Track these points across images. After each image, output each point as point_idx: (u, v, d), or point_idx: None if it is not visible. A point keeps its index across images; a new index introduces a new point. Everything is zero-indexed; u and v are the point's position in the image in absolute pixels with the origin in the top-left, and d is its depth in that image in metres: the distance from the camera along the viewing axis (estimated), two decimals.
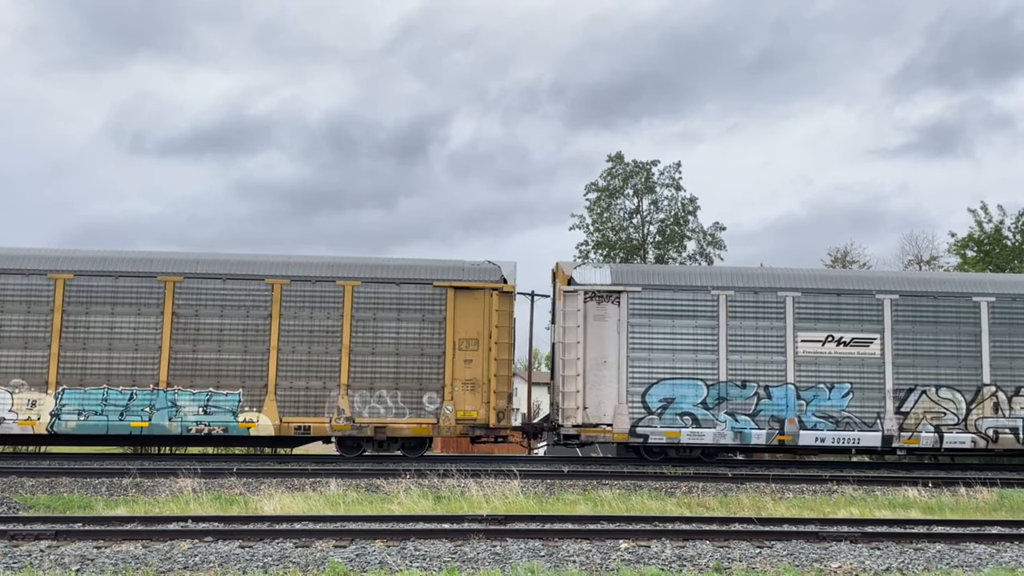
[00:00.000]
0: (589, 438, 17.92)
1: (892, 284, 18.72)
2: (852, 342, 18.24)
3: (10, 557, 9.03)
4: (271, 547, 9.54)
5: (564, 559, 9.26)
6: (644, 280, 18.37)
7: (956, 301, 18.47)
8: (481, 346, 17.95)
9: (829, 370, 18.17)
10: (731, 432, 17.86)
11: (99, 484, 15.00)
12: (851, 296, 18.38)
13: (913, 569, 9.19)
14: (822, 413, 18.05)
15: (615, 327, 18.04)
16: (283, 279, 17.85)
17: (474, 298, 18.08)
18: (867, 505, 14.20)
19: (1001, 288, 18.70)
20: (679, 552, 9.63)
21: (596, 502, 14.06)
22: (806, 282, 18.63)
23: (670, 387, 17.97)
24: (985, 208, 31.10)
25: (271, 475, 15.70)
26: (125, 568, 8.67)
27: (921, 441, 17.99)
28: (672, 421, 17.86)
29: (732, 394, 17.98)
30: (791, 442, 17.92)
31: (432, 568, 8.88)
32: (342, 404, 17.60)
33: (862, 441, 17.98)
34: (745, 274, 18.82)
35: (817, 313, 18.32)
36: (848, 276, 19.06)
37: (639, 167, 36.44)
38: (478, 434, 18.16)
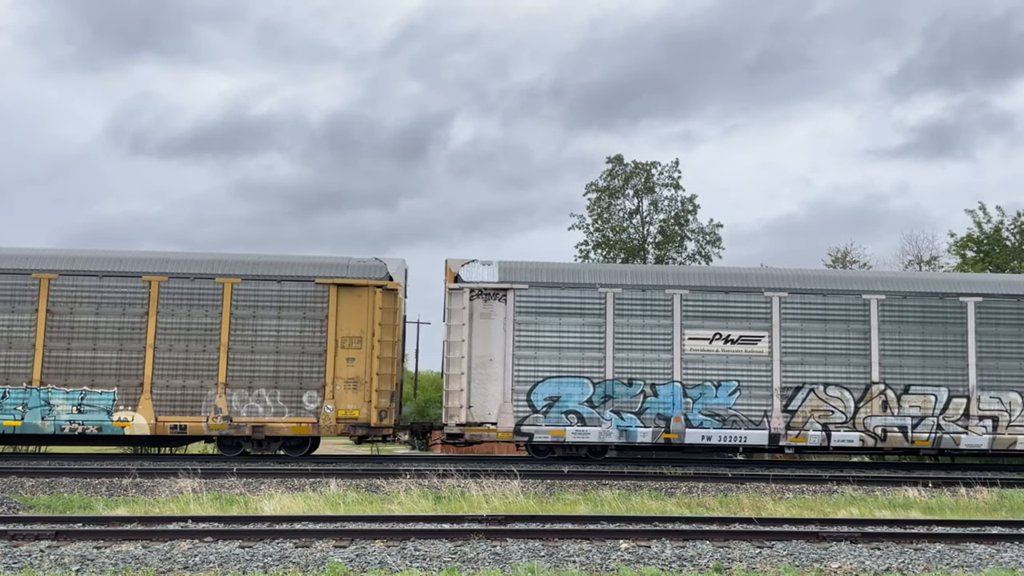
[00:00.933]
0: (473, 437, 17.74)
1: (781, 282, 18.56)
2: (740, 340, 18.12)
3: (10, 557, 9.03)
4: (271, 547, 9.54)
5: (564, 559, 9.26)
6: (531, 278, 18.16)
7: (846, 299, 18.32)
8: (365, 344, 17.71)
9: (716, 368, 18.05)
10: (616, 430, 17.73)
11: (99, 484, 15.00)
12: (739, 294, 18.25)
13: (913, 569, 9.19)
14: (708, 411, 17.93)
15: (501, 325, 17.90)
16: (160, 276, 17.64)
17: (358, 296, 17.85)
18: (867, 505, 14.20)
19: (891, 286, 18.56)
20: (679, 552, 9.63)
21: (596, 502, 14.06)
22: (694, 280, 18.52)
23: (556, 385, 17.85)
24: (984, 209, 31.14)
25: (271, 475, 15.70)
26: (125, 568, 8.67)
27: (808, 439, 17.86)
28: (557, 419, 17.75)
29: (618, 392, 17.87)
30: (677, 440, 17.79)
31: (432, 568, 8.88)
32: (219, 403, 17.42)
33: (749, 439, 17.84)
34: (633, 272, 18.64)
35: (705, 311, 18.21)
36: (736, 274, 18.87)
37: (639, 168, 36.47)
38: (360, 433, 17.94)
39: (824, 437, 17.88)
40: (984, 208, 31.12)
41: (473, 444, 18.85)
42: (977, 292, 18.50)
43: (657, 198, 36.63)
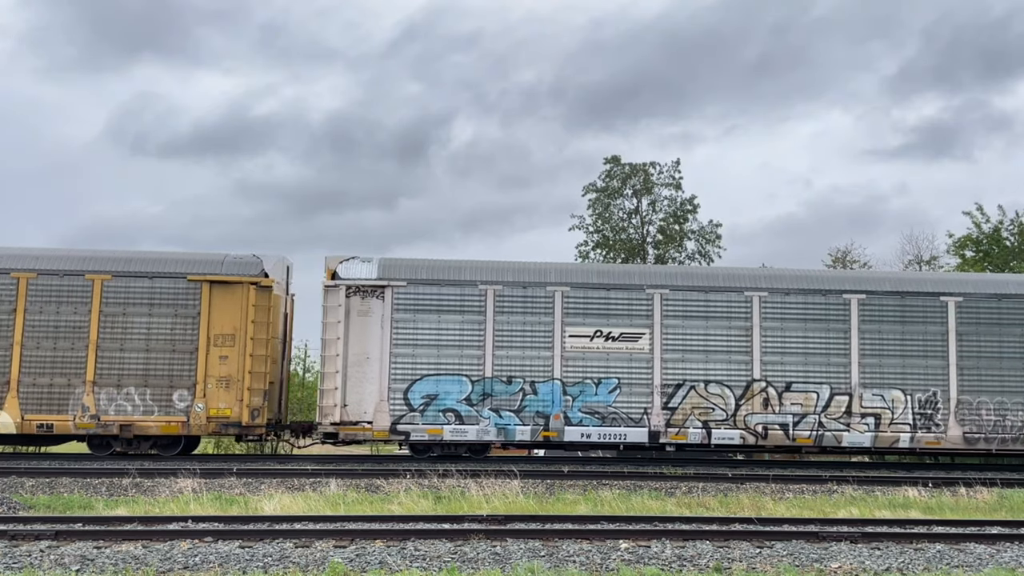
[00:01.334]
0: (348, 436, 17.57)
1: (662, 279, 18.47)
2: (621, 337, 17.98)
3: (10, 557, 9.03)
4: (271, 547, 9.55)
5: (564, 559, 9.26)
6: (410, 274, 17.98)
7: (728, 296, 18.19)
8: (238, 342, 17.48)
9: (597, 366, 17.89)
10: (495, 428, 17.61)
11: (99, 484, 15.00)
12: (621, 291, 18.10)
13: (913, 569, 9.19)
14: (588, 409, 17.80)
15: (379, 323, 17.70)
16: (29, 273, 17.42)
17: (232, 293, 17.62)
18: (867, 505, 14.20)
19: (774, 283, 18.44)
20: (679, 552, 9.63)
21: (596, 502, 14.05)
22: (576, 277, 18.34)
23: (434, 383, 17.69)
24: (981, 209, 31.13)
25: (271, 475, 15.70)
26: (125, 568, 8.67)
27: (689, 437, 17.75)
28: (435, 418, 17.61)
29: (497, 390, 17.73)
30: (556, 438, 17.68)
31: (432, 568, 8.88)
32: (87, 402, 17.24)
33: (629, 437, 17.73)
34: (514, 269, 18.41)
35: (587, 308, 18.05)
36: (618, 271, 18.66)
37: (637, 169, 36.47)
38: (232, 432, 17.75)
39: (704, 435, 17.78)
40: (982, 209, 31.14)
41: (348, 443, 18.67)
42: (861, 290, 18.39)
43: (656, 198, 36.64)
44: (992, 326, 18.38)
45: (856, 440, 17.91)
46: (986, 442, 18.05)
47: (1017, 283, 19.03)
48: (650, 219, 36.69)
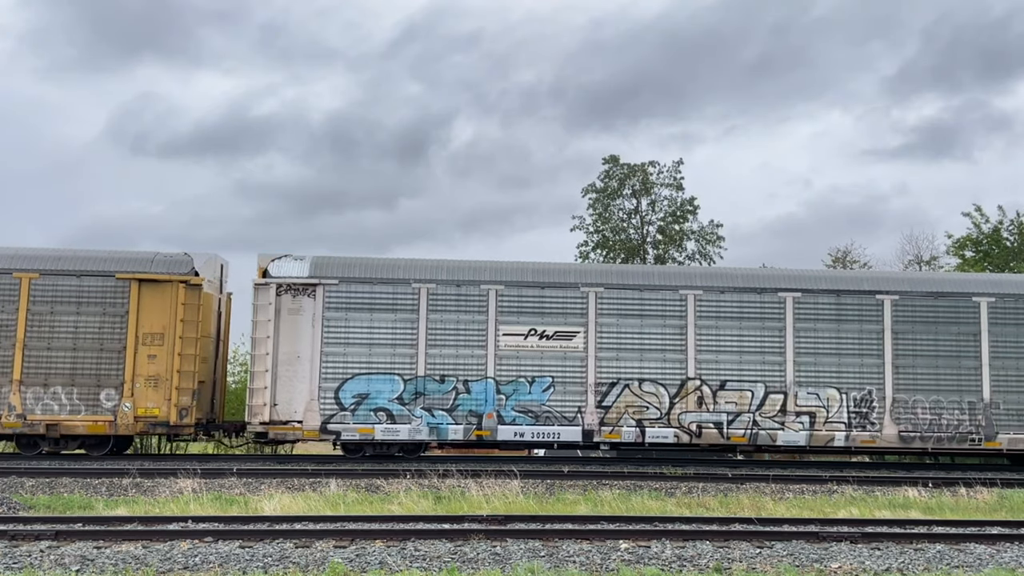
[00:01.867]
0: (278, 436, 17.45)
1: (597, 277, 18.36)
2: (556, 335, 17.89)
3: (10, 557, 9.04)
4: (271, 547, 9.55)
5: (564, 559, 9.26)
6: (343, 272, 17.86)
7: (663, 294, 18.12)
8: (167, 341, 17.36)
9: (531, 364, 17.80)
10: (427, 427, 17.51)
11: (99, 484, 15.00)
12: (556, 289, 18.01)
13: (913, 569, 9.19)
14: (522, 407, 17.70)
15: (310, 321, 17.59)
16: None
17: (161, 291, 17.47)
18: (867, 505, 14.20)
19: (709, 281, 18.40)
20: (679, 552, 9.63)
21: (596, 502, 14.05)
22: (510, 275, 18.18)
23: (365, 382, 17.58)
24: (980, 210, 31.13)
25: (271, 475, 15.70)
26: (125, 568, 8.67)
27: (623, 436, 17.67)
28: (366, 417, 17.50)
29: (430, 389, 17.64)
30: (489, 437, 17.59)
31: (432, 568, 8.89)
32: (14, 401, 17.14)
33: (562, 436, 17.64)
34: (448, 267, 18.31)
35: (521, 307, 17.94)
36: (553, 269, 18.52)
37: (635, 169, 36.44)
38: (160, 432, 17.63)
39: (638, 433, 17.72)
40: (981, 210, 31.14)
41: (278, 443, 18.60)
42: (796, 288, 18.30)
43: (656, 198, 36.61)
44: (928, 324, 18.31)
45: (791, 439, 17.85)
46: (922, 441, 18.01)
47: (954, 281, 19.02)
48: (650, 219, 36.68)
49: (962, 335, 18.35)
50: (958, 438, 18.04)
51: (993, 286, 18.75)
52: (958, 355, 18.27)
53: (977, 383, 18.18)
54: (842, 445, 17.99)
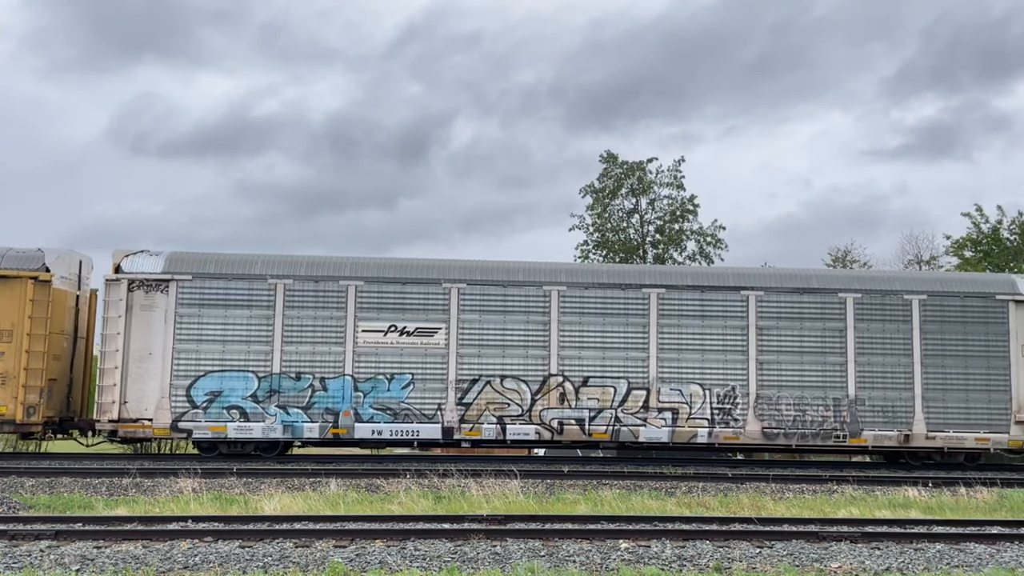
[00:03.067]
0: (128, 434, 17.25)
1: (460, 273, 18.14)
2: (416, 332, 17.74)
3: (10, 557, 9.04)
4: (271, 547, 9.55)
5: (564, 559, 9.26)
6: (197, 268, 17.57)
7: (526, 290, 17.98)
8: (16, 338, 17.12)
9: (391, 361, 17.64)
10: (281, 425, 17.35)
11: (99, 484, 15.00)
12: (417, 285, 17.88)
13: (913, 569, 9.19)
14: (380, 405, 17.56)
15: (163, 318, 17.40)
16: None
17: (10, 287, 17.10)
18: (867, 505, 14.20)
19: (573, 277, 18.26)
20: (679, 552, 9.63)
21: (596, 502, 14.05)
22: (370, 271, 18.02)
23: (218, 380, 17.38)
24: (981, 210, 31.14)
25: (271, 475, 15.69)
26: (125, 568, 8.67)
27: (483, 433, 17.56)
28: (218, 415, 17.28)
29: (285, 386, 17.47)
30: (347, 435, 17.44)
31: (432, 568, 8.89)
32: None
33: (422, 433, 17.52)
34: (307, 263, 18.13)
35: (381, 303, 17.78)
36: (415, 265, 18.37)
37: (634, 167, 36.39)
38: (7, 431, 17.47)
39: (499, 430, 17.60)
40: (981, 210, 31.15)
41: (129, 441, 18.47)
42: (660, 284, 18.24)
43: (655, 197, 36.57)
44: (794, 321, 18.25)
45: (653, 435, 17.76)
46: (786, 437, 17.94)
47: (820, 277, 18.91)
48: (649, 219, 36.65)
49: (828, 331, 18.27)
50: (822, 435, 17.95)
51: (860, 282, 18.74)
52: (823, 351, 18.19)
53: (843, 379, 18.11)
54: (705, 442, 17.88)
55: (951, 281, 19.09)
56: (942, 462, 18.70)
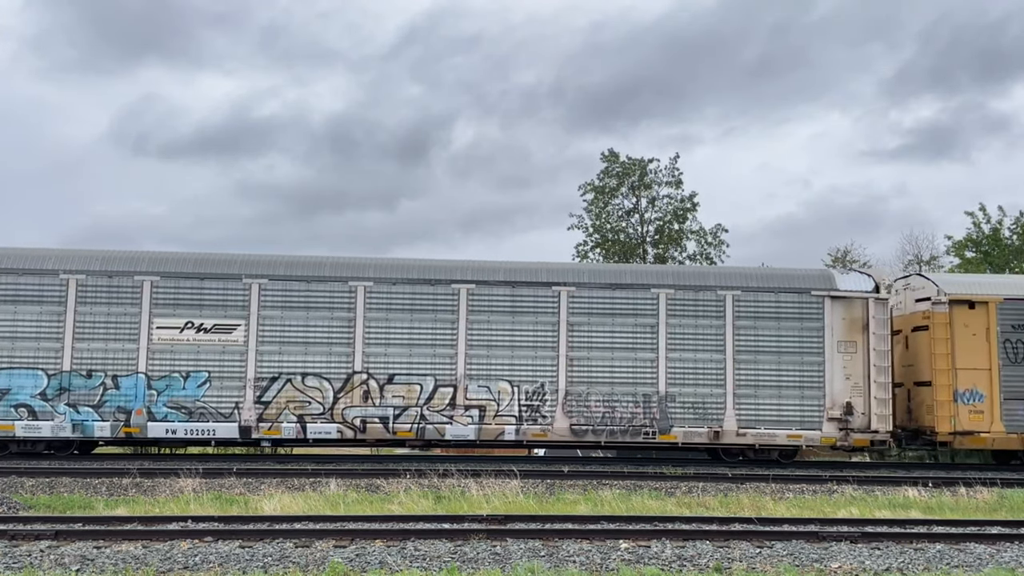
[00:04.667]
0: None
1: (262, 269, 17.83)
2: (214, 328, 17.43)
3: (10, 557, 9.04)
4: (271, 547, 9.55)
5: (564, 559, 9.26)
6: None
7: (331, 286, 17.64)
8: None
9: (187, 358, 17.34)
10: (71, 424, 17.09)
11: (99, 484, 14.99)
12: (216, 281, 17.56)
13: (913, 569, 9.19)
14: (175, 403, 17.25)
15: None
16: None
17: None
18: (867, 505, 14.20)
19: (381, 272, 18.01)
20: (679, 552, 9.63)
21: (596, 502, 14.05)
22: (168, 266, 17.69)
23: (6, 377, 17.06)
24: (983, 209, 31.14)
25: (271, 475, 15.69)
26: (125, 568, 8.67)
27: (283, 432, 17.34)
28: (6, 413, 16.97)
29: (76, 384, 17.12)
30: (139, 434, 17.17)
31: (432, 568, 8.88)
32: None
33: (218, 432, 17.27)
34: (101, 257, 17.74)
35: (178, 299, 17.47)
36: (214, 260, 18.00)
37: (634, 164, 36.37)
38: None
39: (299, 429, 17.38)
40: (984, 209, 31.15)
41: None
42: (470, 280, 17.97)
43: (655, 195, 36.55)
44: (605, 316, 18.05)
45: (460, 432, 17.56)
46: (594, 434, 17.73)
47: (633, 273, 18.85)
48: (648, 218, 36.63)
49: (640, 327, 18.06)
50: (632, 431, 17.74)
51: (673, 277, 18.59)
52: (635, 347, 17.98)
53: (654, 376, 17.92)
54: (513, 439, 17.70)
55: (767, 276, 18.77)
56: (757, 459, 18.35)
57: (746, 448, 18.28)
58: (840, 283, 18.50)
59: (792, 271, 19.02)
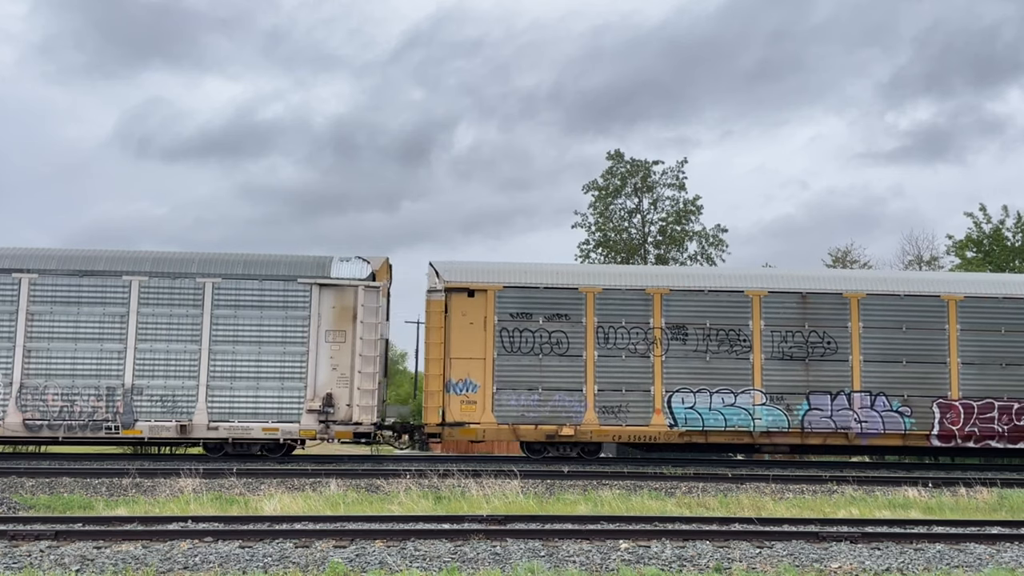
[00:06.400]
0: None
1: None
2: None
3: (10, 557, 9.03)
4: (271, 547, 9.54)
5: (564, 559, 9.26)
6: None
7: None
8: None
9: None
10: None
11: (99, 484, 14.99)
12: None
13: (913, 569, 9.18)
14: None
15: None
16: None
17: None
18: (867, 505, 14.20)
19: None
20: (679, 552, 9.63)
21: (596, 502, 14.05)
22: None
23: None
24: (984, 209, 31.13)
25: (271, 475, 15.69)
26: (125, 568, 8.67)
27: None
28: None
29: None
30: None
31: (432, 568, 8.88)
32: None
33: None
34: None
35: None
36: None
37: (638, 165, 36.40)
38: None
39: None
40: (985, 209, 31.15)
41: None
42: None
43: (658, 197, 36.57)
44: (70, 305, 17.46)
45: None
46: (51, 429, 17.21)
47: (105, 259, 17.99)
48: (651, 218, 36.64)
49: (108, 316, 17.46)
50: (92, 426, 17.23)
51: (149, 264, 17.91)
52: (101, 338, 17.40)
53: (120, 367, 17.38)
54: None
55: (252, 264, 18.03)
56: (237, 453, 17.88)
57: (220, 442, 17.72)
58: (334, 271, 17.94)
59: (280, 258, 18.30)
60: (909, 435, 18.16)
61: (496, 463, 17.80)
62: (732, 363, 18.14)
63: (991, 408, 18.23)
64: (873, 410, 18.10)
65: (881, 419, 18.10)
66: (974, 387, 18.27)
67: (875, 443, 18.26)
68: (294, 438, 17.57)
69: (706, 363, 18.12)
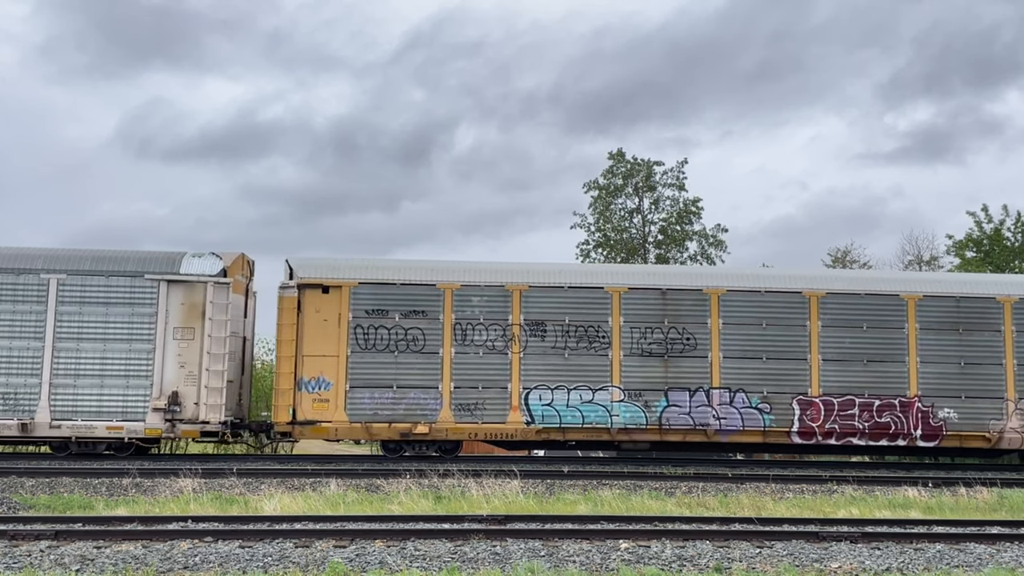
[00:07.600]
0: None
1: None
2: None
3: (10, 557, 9.03)
4: (271, 547, 9.54)
5: (564, 559, 9.26)
6: None
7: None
8: None
9: None
10: None
11: (99, 484, 14.99)
12: None
13: (913, 569, 9.18)
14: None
15: None
16: None
17: None
18: (867, 505, 14.19)
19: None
20: (679, 552, 9.63)
21: (596, 502, 14.05)
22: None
23: None
24: (985, 209, 31.14)
25: (271, 475, 15.69)
26: (125, 568, 8.67)
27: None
28: None
29: None
30: None
31: (432, 568, 8.88)
32: None
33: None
34: None
35: None
36: None
37: (639, 165, 36.37)
38: None
39: None
40: (986, 208, 31.16)
41: None
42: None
43: (659, 196, 36.54)
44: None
45: None
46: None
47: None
48: (652, 218, 36.62)
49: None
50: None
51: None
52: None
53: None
54: None
55: (99, 259, 17.75)
56: (84, 452, 17.70)
57: (67, 441, 17.54)
58: (184, 267, 17.73)
59: (129, 254, 18.06)
60: (769, 432, 18.00)
61: (496, 463, 17.80)
62: (591, 360, 17.98)
63: (851, 405, 18.10)
64: (732, 407, 17.96)
65: (740, 416, 17.95)
66: (835, 384, 18.11)
67: (735, 440, 18.13)
68: (139, 437, 17.42)
69: (565, 360, 17.97)
